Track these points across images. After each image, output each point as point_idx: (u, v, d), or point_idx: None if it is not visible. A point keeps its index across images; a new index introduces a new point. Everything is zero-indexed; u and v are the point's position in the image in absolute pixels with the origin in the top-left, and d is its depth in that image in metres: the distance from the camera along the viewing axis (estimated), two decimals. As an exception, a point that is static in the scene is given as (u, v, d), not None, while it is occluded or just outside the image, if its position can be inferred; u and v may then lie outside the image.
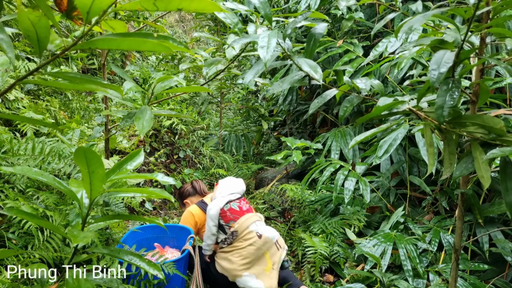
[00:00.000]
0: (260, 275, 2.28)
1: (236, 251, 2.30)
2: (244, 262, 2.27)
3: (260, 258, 2.32)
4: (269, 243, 2.34)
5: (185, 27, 8.96)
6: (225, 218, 2.37)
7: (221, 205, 2.40)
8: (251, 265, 2.29)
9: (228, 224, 2.36)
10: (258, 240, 2.31)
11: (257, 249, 2.29)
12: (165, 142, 4.44)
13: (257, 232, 2.33)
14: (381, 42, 2.94)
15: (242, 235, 2.32)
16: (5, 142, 2.12)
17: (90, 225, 1.23)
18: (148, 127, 1.46)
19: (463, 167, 1.15)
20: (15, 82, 0.81)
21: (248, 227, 2.34)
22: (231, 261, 2.28)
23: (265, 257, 2.34)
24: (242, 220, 2.35)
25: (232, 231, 2.33)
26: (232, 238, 2.33)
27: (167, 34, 0.92)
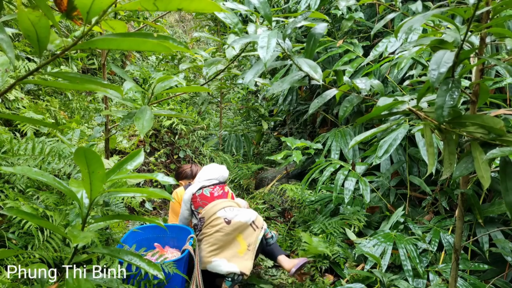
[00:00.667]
0: (232, 258, 2.29)
1: (205, 238, 2.33)
2: (212, 248, 2.29)
3: (231, 242, 2.32)
4: (241, 227, 2.35)
5: (185, 27, 8.96)
6: (195, 204, 2.45)
7: (194, 191, 2.47)
8: (220, 251, 2.30)
9: (197, 210, 2.43)
10: (225, 226, 2.31)
11: (225, 234, 2.30)
12: (165, 142, 4.44)
13: (225, 218, 2.33)
14: (381, 42, 2.94)
15: (209, 222, 2.34)
16: (5, 142, 2.12)
17: (90, 225, 1.23)
18: (148, 127, 1.46)
19: (463, 167, 1.15)
20: (15, 82, 0.81)
21: (215, 213, 2.35)
22: (201, 250, 2.31)
23: (237, 240, 2.35)
24: (209, 207, 2.38)
25: (200, 217, 2.39)
26: (200, 224, 2.37)
27: (167, 34, 0.92)
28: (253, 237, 2.38)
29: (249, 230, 2.38)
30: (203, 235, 2.34)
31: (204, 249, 2.29)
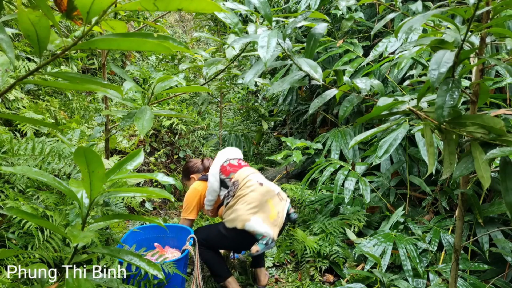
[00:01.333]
0: (265, 221, 2.32)
1: (241, 199, 2.34)
2: (250, 207, 2.30)
3: (264, 205, 2.35)
4: (271, 193, 2.41)
5: (185, 27, 8.96)
6: (225, 172, 2.47)
7: (221, 162, 2.52)
8: (257, 210, 2.32)
9: (229, 177, 2.45)
10: (259, 187, 2.38)
11: (260, 195, 2.34)
12: (165, 142, 4.44)
13: (257, 180, 2.42)
14: (381, 42, 2.94)
15: (243, 183, 2.38)
16: (5, 142, 2.12)
17: (90, 225, 1.23)
18: (148, 127, 1.46)
19: (463, 167, 1.15)
20: (15, 82, 0.81)
21: (248, 176, 2.42)
22: (237, 210, 2.31)
23: (269, 205, 2.38)
24: (241, 171, 2.46)
25: (233, 181, 2.41)
26: (234, 188, 2.39)
27: (167, 34, 0.92)
28: (280, 206, 2.43)
29: (277, 199, 2.44)
30: (238, 197, 2.35)
31: (241, 208, 2.30)
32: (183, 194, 4.15)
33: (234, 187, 2.40)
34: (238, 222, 2.29)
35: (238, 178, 2.42)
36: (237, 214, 2.30)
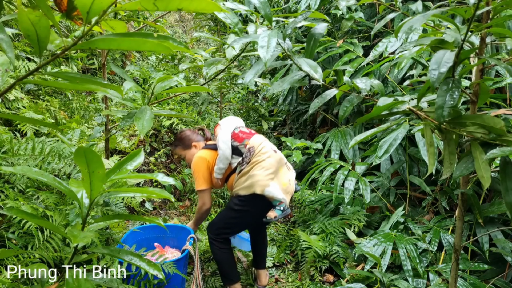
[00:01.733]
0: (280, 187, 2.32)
1: (257, 165, 2.30)
2: (268, 172, 2.28)
3: (278, 172, 2.35)
4: (282, 161, 2.41)
5: (185, 27, 8.96)
6: (238, 139, 2.40)
7: (231, 129, 2.44)
8: (274, 176, 2.31)
9: (243, 143, 2.38)
10: (274, 153, 2.36)
11: (275, 161, 2.33)
12: (165, 142, 4.44)
13: (271, 147, 2.40)
14: (381, 42, 2.94)
15: (259, 150, 2.34)
16: (5, 142, 2.12)
17: (90, 225, 1.23)
18: (148, 127, 1.46)
19: (463, 167, 1.15)
20: (15, 82, 0.81)
21: (262, 143, 2.39)
22: (255, 175, 2.27)
23: (281, 172, 2.38)
24: (255, 138, 2.41)
25: (249, 148, 2.35)
26: (250, 154, 2.33)
27: (167, 34, 0.92)
28: (289, 175, 2.43)
29: (286, 168, 2.44)
30: (255, 163, 2.30)
31: (259, 174, 2.26)
32: (183, 194, 4.14)
33: (250, 154, 2.33)
34: (257, 187, 2.24)
35: (254, 144, 2.36)
36: (255, 180, 2.25)
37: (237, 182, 2.35)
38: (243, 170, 2.32)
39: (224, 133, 2.42)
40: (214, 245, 2.37)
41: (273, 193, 2.25)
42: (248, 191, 2.26)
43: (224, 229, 2.38)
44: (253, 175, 2.27)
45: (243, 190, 2.29)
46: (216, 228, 2.38)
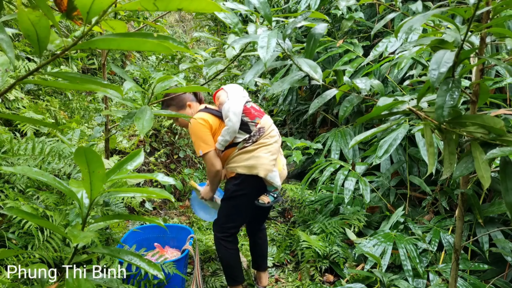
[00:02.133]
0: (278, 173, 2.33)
1: (264, 147, 2.24)
2: (272, 158, 2.25)
3: (277, 158, 2.34)
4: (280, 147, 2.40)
5: (185, 27, 8.96)
6: (250, 115, 2.27)
7: (243, 103, 2.29)
8: (275, 162, 2.29)
9: (254, 121, 2.26)
10: (279, 139, 2.35)
11: (278, 147, 2.32)
12: (165, 142, 4.44)
13: (277, 132, 2.37)
14: (381, 42, 2.94)
15: (268, 132, 2.28)
16: (5, 142, 2.12)
17: (90, 225, 1.23)
18: (148, 127, 1.46)
19: (463, 167, 1.15)
20: (15, 82, 0.81)
21: (271, 126, 2.34)
22: (260, 158, 2.21)
23: (278, 158, 2.37)
24: (266, 118, 2.33)
25: (259, 128, 2.25)
26: (258, 135, 2.25)
27: (167, 34, 0.92)
28: (283, 160, 2.44)
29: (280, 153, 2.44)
30: (261, 145, 2.24)
31: (265, 157, 2.22)
32: (183, 194, 4.14)
33: (259, 134, 2.24)
34: (261, 170, 2.20)
35: (265, 125, 2.28)
36: (260, 162, 2.20)
37: (236, 157, 2.25)
38: (246, 148, 2.23)
39: (236, 104, 2.25)
40: (221, 245, 2.33)
41: (274, 179, 2.23)
42: (249, 171, 2.20)
43: (227, 223, 2.33)
44: (258, 156, 2.20)
45: (243, 169, 2.21)
46: (220, 225, 2.34)
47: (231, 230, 2.35)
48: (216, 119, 2.28)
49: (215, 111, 2.32)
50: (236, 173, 2.25)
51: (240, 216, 2.37)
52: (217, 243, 2.35)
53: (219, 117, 2.28)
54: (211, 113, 2.29)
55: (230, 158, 2.27)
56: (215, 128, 2.26)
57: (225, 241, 2.33)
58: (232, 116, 2.20)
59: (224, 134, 2.21)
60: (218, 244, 2.35)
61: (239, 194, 2.27)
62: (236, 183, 2.26)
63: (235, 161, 2.25)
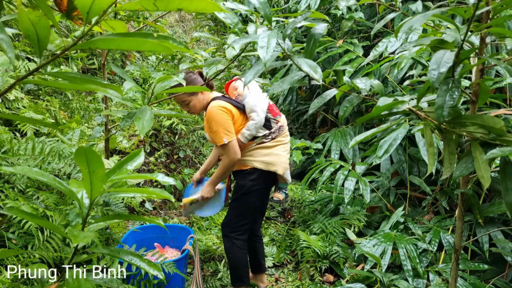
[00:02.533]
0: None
1: (282, 145, 2.28)
2: (288, 156, 2.33)
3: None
4: None
5: (185, 27, 8.96)
6: (272, 112, 2.31)
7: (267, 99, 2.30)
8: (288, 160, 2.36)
9: (276, 119, 2.30)
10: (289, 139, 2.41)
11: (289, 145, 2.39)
12: (165, 142, 4.44)
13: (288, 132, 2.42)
14: (381, 42, 2.94)
15: (285, 131, 2.34)
16: (5, 142, 2.12)
17: (90, 225, 1.23)
18: (148, 127, 1.45)
19: (463, 167, 1.15)
20: (15, 82, 0.81)
21: (286, 125, 2.39)
22: (279, 155, 2.26)
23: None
24: (283, 118, 2.38)
25: (280, 126, 2.30)
26: (278, 132, 2.28)
27: (167, 34, 0.92)
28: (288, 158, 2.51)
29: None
30: (279, 143, 2.27)
31: (283, 155, 2.28)
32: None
33: (278, 131, 2.28)
34: (280, 167, 2.25)
35: (283, 124, 2.34)
36: (279, 160, 2.25)
37: (253, 151, 2.24)
38: (265, 143, 2.24)
39: (262, 100, 2.24)
40: (235, 246, 2.30)
41: (288, 177, 2.31)
42: (266, 167, 2.22)
43: (241, 221, 2.30)
44: (277, 154, 2.25)
45: (261, 164, 2.22)
46: (233, 225, 2.30)
47: (245, 226, 2.33)
48: (236, 110, 2.23)
49: (234, 101, 2.26)
50: (252, 167, 2.24)
51: (254, 212, 2.36)
52: (230, 244, 2.31)
53: (239, 109, 2.24)
54: (231, 103, 2.23)
55: (246, 151, 2.25)
56: (236, 118, 2.22)
57: (239, 241, 2.31)
58: (260, 112, 2.19)
59: (251, 128, 2.19)
60: (231, 245, 2.31)
61: (255, 189, 2.26)
62: (252, 178, 2.25)
63: (252, 155, 2.24)
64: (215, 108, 2.15)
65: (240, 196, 2.28)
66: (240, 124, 2.23)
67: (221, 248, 3.07)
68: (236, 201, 2.31)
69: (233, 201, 2.33)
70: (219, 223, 3.51)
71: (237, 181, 2.33)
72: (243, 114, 2.25)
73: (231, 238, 2.32)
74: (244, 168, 2.28)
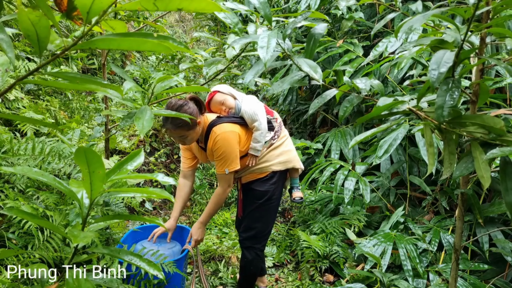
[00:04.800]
0: None
1: (287, 140, 2.25)
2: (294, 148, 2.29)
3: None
4: None
5: (185, 27, 8.96)
6: (268, 112, 2.21)
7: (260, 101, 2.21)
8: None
9: (274, 117, 2.22)
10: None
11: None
12: (165, 142, 4.44)
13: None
14: (381, 42, 2.94)
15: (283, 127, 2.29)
16: (5, 142, 2.12)
17: (90, 225, 1.23)
18: (148, 127, 1.45)
19: (463, 167, 1.15)
20: (15, 82, 0.81)
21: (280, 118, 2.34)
22: (290, 151, 2.22)
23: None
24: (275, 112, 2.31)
25: (279, 122, 2.24)
26: (280, 129, 2.22)
27: (167, 34, 0.92)
28: None
29: None
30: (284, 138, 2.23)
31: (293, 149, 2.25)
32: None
33: (280, 128, 2.21)
34: (296, 162, 2.22)
35: (278, 117, 2.24)
36: (292, 155, 2.21)
37: (266, 156, 2.14)
38: (274, 144, 2.16)
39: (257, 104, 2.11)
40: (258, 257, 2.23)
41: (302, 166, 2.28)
42: (284, 166, 2.17)
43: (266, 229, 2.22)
44: (288, 150, 2.21)
45: (279, 166, 2.15)
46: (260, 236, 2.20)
47: (269, 233, 2.26)
48: (241, 128, 2.08)
49: (233, 118, 2.10)
50: (271, 171, 2.16)
51: (275, 214, 2.28)
52: (254, 256, 2.22)
53: (242, 125, 2.09)
54: (233, 122, 2.07)
55: (260, 158, 2.14)
56: (241, 137, 2.07)
57: (261, 251, 2.24)
58: (261, 119, 2.07)
59: (260, 139, 2.06)
60: (254, 257, 2.22)
61: (277, 192, 2.21)
62: (273, 182, 2.17)
63: (268, 160, 2.15)
64: (228, 135, 1.99)
65: (264, 203, 2.16)
66: (246, 140, 2.10)
67: (221, 248, 3.07)
68: (258, 209, 2.18)
69: (254, 211, 2.18)
70: (219, 223, 3.51)
71: (256, 188, 2.18)
72: (244, 127, 2.10)
73: (256, 249, 2.22)
74: (262, 176, 2.18)
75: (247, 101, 2.11)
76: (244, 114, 2.08)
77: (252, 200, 2.19)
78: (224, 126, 2.02)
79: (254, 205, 2.18)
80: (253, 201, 2.19)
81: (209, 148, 2.05)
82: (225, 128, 2.01)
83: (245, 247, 2.26)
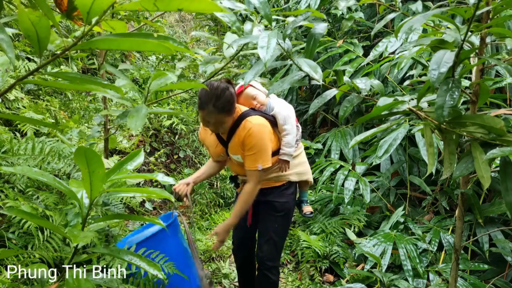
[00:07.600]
0: None
1: (303, 152, 2.10)
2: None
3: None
4: None
5: (185, 27, 8.95)
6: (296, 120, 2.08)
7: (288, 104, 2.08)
8: None
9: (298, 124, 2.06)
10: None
11: None
12: (165, 142, 4.44)
13: None
14: (381, 42, 2.94)
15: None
16: (5, 142, 2.12)
17: (90, 225, 1.23)
18: (140, 125, 1.44)
19: (463, 167, 1.15)
20: (15, 82, 0.81)
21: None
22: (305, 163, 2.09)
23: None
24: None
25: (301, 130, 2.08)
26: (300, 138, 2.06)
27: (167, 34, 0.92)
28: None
29: None
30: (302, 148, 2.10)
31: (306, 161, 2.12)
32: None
33: (300, 137, 2.06)
34: (310, 175, 2.10)
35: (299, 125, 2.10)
36: (307, 167, 2.08)
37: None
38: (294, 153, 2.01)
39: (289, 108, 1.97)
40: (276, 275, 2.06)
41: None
42: (299, 177, 2.02)
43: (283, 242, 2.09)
44: (304, 162, 2.08)
45: (295, 176, 2.00)
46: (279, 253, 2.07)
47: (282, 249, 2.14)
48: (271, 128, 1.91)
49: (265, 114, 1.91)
50: (288, 181, 2.00)
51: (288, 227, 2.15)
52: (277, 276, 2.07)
53: (272, 122, 1.91)
54: (266, 117, 1.88)
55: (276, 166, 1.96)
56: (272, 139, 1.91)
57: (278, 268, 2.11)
58: (294, 122, 1.94)
59: (291, 142, 1.90)
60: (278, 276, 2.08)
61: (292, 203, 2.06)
62: (291, 192, 2.02)
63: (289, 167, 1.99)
64: (263, 128, 1.81)
65: (285, 216, 2.01)
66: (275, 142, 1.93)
67: (221, 248, 3.06)
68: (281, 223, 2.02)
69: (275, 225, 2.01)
70: (219, 223, 3.50)
71: (274, 199, 1.99)
72: (274, 128, 1.93)
73: (277, 268, 2.08)
74: (278, 185, 1.99)
75: (280, 102, 1.99)
76: (278, 115, 1.92)
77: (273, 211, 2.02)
78: (259, 118, 1.84)
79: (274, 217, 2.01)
80: (273, 212, 2.01)
81: (239, 139, 1.84)
82: (260, 120, 1.83)
83: (267, 269, 2.03)
